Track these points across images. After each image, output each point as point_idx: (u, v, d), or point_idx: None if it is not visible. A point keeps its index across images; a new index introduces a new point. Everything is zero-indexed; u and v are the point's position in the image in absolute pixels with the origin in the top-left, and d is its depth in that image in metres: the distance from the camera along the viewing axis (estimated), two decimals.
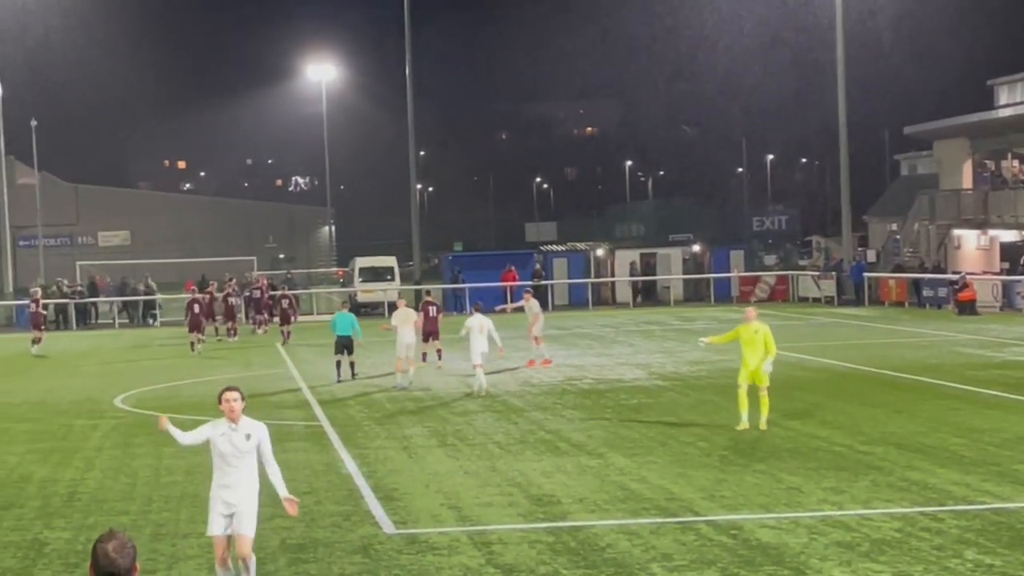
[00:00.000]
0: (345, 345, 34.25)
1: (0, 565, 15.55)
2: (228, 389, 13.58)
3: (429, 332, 36.88)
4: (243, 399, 13.53)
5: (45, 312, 50.48)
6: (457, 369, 35.71)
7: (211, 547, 13.99)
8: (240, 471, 13.34)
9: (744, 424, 23.72)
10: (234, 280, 59.23)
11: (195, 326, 45.56)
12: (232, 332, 51.85)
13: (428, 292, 41.49)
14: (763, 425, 23.75)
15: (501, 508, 17.84)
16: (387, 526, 16.92)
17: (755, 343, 23.75)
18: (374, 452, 22.81)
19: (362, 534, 16.54)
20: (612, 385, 32.03)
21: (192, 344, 45.24)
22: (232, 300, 52.60)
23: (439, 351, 37.30)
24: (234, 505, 13.29)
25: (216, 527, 13.42)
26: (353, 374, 34.58)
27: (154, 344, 50.90)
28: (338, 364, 34.56)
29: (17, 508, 18.83)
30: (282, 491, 13.51)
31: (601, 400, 29.18)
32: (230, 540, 13.40)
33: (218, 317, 52.68)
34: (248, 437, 13.38)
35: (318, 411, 28.64)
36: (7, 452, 23.99)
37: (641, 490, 18.76)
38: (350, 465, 21.51)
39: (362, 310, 60.80)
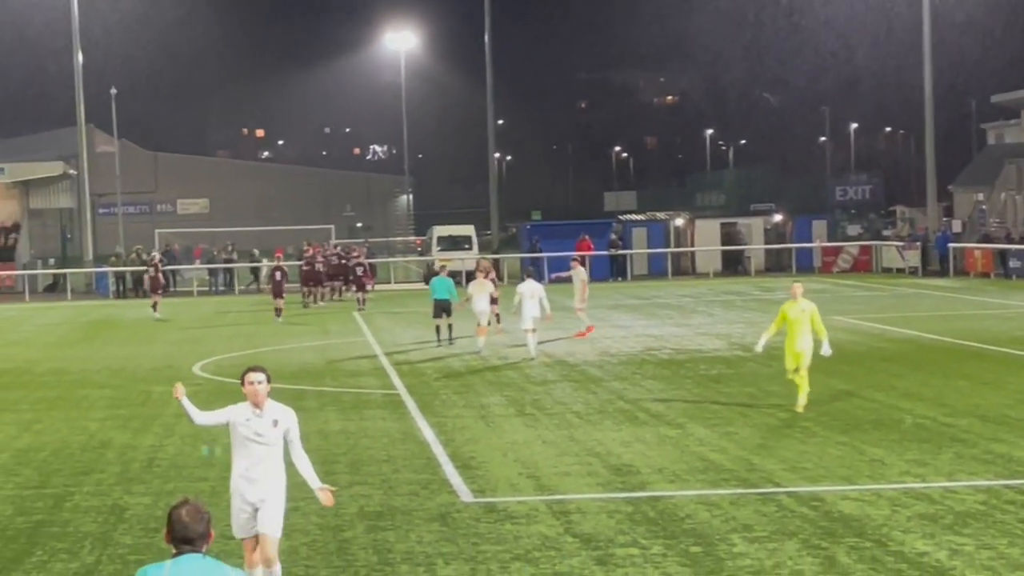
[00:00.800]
0: (444, 308, 34.67)
1: (81, 529, 15.66)
2: (252, 369, 11.99)
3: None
4: (269, 381, 11.93)
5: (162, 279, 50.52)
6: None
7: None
8: (264, 462, 11.88)
9: (801, 404, 22.40)
10: (340, 248, 60.17)
11: (278, 293, 45.66)
12: (318, 297, 52.32)
13: (479, 262, 41.25)
14: (799, 408, 22.41)
15: (580, 477, 17.73)
16: (465, 494, 16.85)
17: (801, 322, 22.38)
18: (452, 420, 22.75)
19: (440, 502, 16.48)
20: (692, 355, 31.79)
21: (276, 310, 45.26)
22: (318, 266, 52.88)
23: (497, 315, 37.53)
24: (258, 502, 11.90)
25: (240, 530, 12.09)
26: (451, 338, 34.83)
27: (233, 311, 51.19)
28: (437, 328, 34.99)
29: (97, 473, 18.96)
30: (314, 482, 12.14)
31: (680, 370, 28.96)
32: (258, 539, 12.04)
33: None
34: (275, 424, 11.90)
35: (395, 379, 28.64)
36: (87, 418, 24.19)
37: (721, 461, 18.57)
38: (427, 433, 21.47)
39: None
